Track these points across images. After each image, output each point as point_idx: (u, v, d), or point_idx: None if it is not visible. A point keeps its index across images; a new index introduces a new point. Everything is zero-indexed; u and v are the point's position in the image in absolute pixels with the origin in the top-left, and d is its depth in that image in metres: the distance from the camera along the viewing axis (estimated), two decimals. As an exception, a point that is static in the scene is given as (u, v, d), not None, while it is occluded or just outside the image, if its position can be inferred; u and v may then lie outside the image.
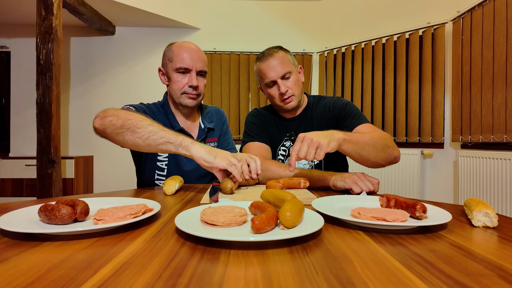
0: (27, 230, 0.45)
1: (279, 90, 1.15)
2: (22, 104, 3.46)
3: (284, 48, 1.21)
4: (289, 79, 1.16)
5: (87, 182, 3.43)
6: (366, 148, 0.92)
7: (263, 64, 1.17)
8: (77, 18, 2.97)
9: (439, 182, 2.73)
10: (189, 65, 1.12)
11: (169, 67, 1.15)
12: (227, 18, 3.55)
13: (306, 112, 1.25)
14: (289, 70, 1.15)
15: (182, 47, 1.14)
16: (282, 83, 1.15)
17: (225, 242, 0.44)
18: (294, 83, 1.16)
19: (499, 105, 2.14)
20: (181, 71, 1.13)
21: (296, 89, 1.17)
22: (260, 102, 3.50)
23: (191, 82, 1.12)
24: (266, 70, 1.16)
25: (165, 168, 1.17)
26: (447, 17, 2.61)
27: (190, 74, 1.13)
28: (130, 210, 0.52)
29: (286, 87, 1.15)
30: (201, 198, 0.80)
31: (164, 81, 1.20)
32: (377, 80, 3.05)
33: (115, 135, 0.86)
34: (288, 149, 1.24)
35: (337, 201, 0.69)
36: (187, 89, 1.14)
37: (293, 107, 1.19)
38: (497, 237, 0.47)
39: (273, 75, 1.15)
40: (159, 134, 0.82)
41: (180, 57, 1.12)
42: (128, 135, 0.84)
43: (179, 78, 1.14)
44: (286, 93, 1.15)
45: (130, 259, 0.38)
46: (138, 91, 3.54)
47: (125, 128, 0.84)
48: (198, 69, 1.14)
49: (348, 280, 0.32)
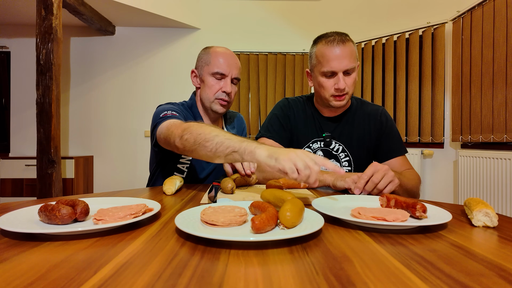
0: (27, 230, 0.45)
1: (338, 84, 1.02)
2: (22, 104, 3.46)
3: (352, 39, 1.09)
4: (350, 75, 1.04)
5: (87, 182, 3.43)
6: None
7: (329, 49, 1.02)
8: (77, 18, 2.97)
9: (439, 182, 2.73)
10: (225, 71, 1.13)
11: (204, 70, 1.15)
12: (227, 18, 3.55)
13: (348, 115, 1.15)
14: (354, 66, 1.04)
15: (220, 52, 1.15)
16: (343, 78, 1.02)
17: (225, 242, 0.44)
18: (352, 82, 1.06)
19: (499, 105, 2.14)
20: (217, 76, 1.13)
21: (352, 89, 1.07)
22: (260, 102, 3.50)
23: (226, 88, 1.13)
24: (330, 57, 1.01)
25: (185, 171, 1.17)
26: (447, 17, 2.61)
27: (225, 80, 1.14)
28: (130, 210, 0.52)
29: (345, 84, 1.03)
30: (201, 198, 0.80)
31: (196, 83, 1.21)
32: (377, 80, 3.05)
33: (192, 152, 0.85)
34: (314, 151, 1.14)
35: (337, 201, 0.69)
36: (220, 94, 1.14)
37: (342, 106, 1.08)
38: (497, 237, 0.47)
39: (337, 66, 1.01)
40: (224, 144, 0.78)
41: (217, 62, 1.13)
42: (200, 150, 0.82)
43: (214, 82, 1.14)
44: (343, 90, 1.03)
45: (130, 259, 0.38)
46: (138, 91, 3.54)
47: (197, 144, 0.82)
48: (233, 76, 1.14)
49: (348, 280, 0.32)
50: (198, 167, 1.19)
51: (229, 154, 0.77)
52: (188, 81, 3.49)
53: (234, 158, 0.77)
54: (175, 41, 3.55)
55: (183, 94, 3.48)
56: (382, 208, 0.58)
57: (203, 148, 0.81)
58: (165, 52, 3.55)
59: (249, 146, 0.74)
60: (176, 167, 1.17)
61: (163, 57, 3.55)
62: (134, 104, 3.54)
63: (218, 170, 1.23)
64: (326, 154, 1.14)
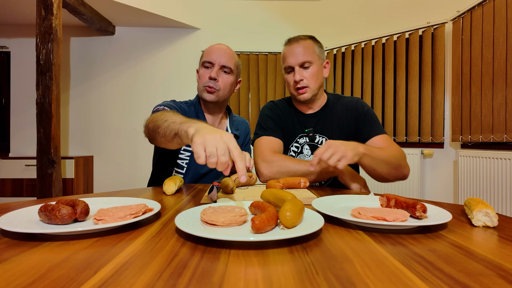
0: (27, 230, 0.45)
1: (294, 77, 1.11)
2: (22, 104, 3.46)
3: (316, 39, 1.17)
4: (308, 69, 1.12)
5: (87, 182, 3.43)
6: (381, 165, 0.98)
7: (286, 47, 1.15)
8: (77, 18, 2.97)
9: (439, 182, 2.73)
10: (212, 59, 1.16)
11: (199, 65, 1.21)
12: (227, 18, 3.55)
13: (326, 110, 1.21)
14: (310, 59, 1.11)
15: (213, 46, 1.20)
16: (298, 71, 1.11)
17: (225, 242, 0.44)
18: (311, 75, 1.12)
19: (499, 105, 2.14)
20: (206, 65, 1.17)
21: (312, 82, 1.12)
22: (260, 101, 3.50)
23: (211, 73, 1.15)
24: (287, 54, 1.14)
25: (184, 166, 1.19)
26: (447, 17, 2.61)
27: (213, 68, 1.16)
28: (130, 210, 0.52)
29: (301, 76, 1.11)
30: (201, 198, 0.80)
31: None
32: (377, 80, 3.05)
33: (153, 139, 0.87)
34: (301, 146, 1.21)
35: (337, 201, 0.69)
36: (207, 81, 1.16)
37: (306, 99, 1.15)
38: (497, 237, 0.47)
39: (292, 61, 1.11)
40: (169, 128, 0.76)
41: (206, 53, 1.18)
42: (156, 136, 0.84)
43: (203, 71, 1.18)
44: (300, 82, 1.11)
45: (131, 259, 0.38)
46: (138, 91, 3.54)
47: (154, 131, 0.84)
48: (221, 63, 1.16)
49: (348, 280, 0.32)
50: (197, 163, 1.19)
51: (174, 137, 0.75)
52: (188, 80, 3.49)
53: (178, 142, 0.76)
54: (175, 41, 3.55)
55: (183, 94, 3.48)
56: (382, 208, 0.58)
57: (157, 134, 0.82)
58: (165, 52, 3.55)
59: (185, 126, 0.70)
60: (176, 163, 1.18)
61: (163, 57, 3.55)
62: (134, 104, 3.54)
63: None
64: (312, 148, 1.20)
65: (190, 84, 3.46)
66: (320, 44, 1.18)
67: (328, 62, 1.20)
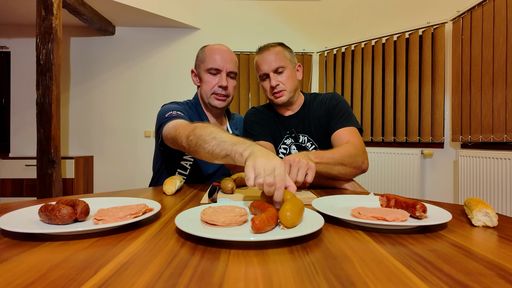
0: (27, 230, 0.45)
1: (270, 83, 1.17)
2: (22, 104, 3.46)
3: (285, 45, 1.22)
4: (282, 73, 1.17)
5: (87, 182, 3.43)
6: (336, 168, 0.98)
7: (258, 56, 1.20)
8: (77, 18, 2.97)
9: (439, 182, 2.73)
10: (219, 66, 1.15)
11: (201, 68, 1.19)
12: (227, 18, 3.55)
13: (304, 110, 1.26)
14: (283, 65, 1.16)
15: (214, 49, 1.17)
16: (273, 76, 1.16)
17: (226, 242, 0.44)
18: (286, 78, 1.17)
19: (499, 104, 2.14)
20: (212, 72, 1.16)
21: (288, 84, 1.18)
22: (260, 101, 3.50)
23: (221, 82, 1.15)
24: (260, 63, 1.19)
25: (188, 168, 1.19)
26: (447, 17, 2.61)
27: (220, 75, 1.16)
28: (130, 210, 0.52)
29: (277, 81, 1.16)
30: (201, 198, 0.80)
31: (196, 82, 1.23)
32: (377, 80, 3.05)
33: (195, 153, 0.86)
34: (289, 146, 1.24)
35: (337, 201, 0.69)
36: (216, 89, 1.16)
37: (284, 102, 1.19)
38: (497, 237, 0.47)
39: (266, 68, 1.17)
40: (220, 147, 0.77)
41: (211, 58, 1.15)
42: (201, 151, 0.83)
43: (210, 78, 1.16)
44: (276, 87, 1.17)
45: (131, 259, 0.38)
46: (138, 91, 3.54)
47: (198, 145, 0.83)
48: (228, 70, 1.16)
49: (348, 279, 0.32)
50: (202, 165, 1.20)
51: (224, 157, 0.76)
52: (189, 80, 3.49)
53: (228, 161, 0.77)
54: (175, 41, 3.55)
55: (183, 94, 3.48)
56: (382, 208, 0.58)
57: (202, 149, 0.81)
58: (165, 52, 3.55)
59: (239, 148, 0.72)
60: (180, 164, 1.18)
61: (163, 57, 3.55)
62: (134, 104, 3.54)
63: (224, 169, 1.24)
64: (299, 147, 1.24)
65: (190, 84, 3.46)
66: (290, 49, 1.23)
67: (300, 65, 1.26)
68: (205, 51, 1.18)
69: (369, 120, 3.10)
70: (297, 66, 1.25)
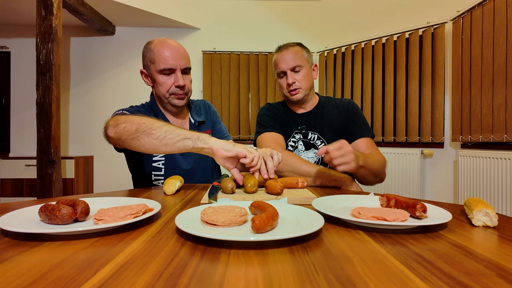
0: (27, 230, 0.45)
1: (287, 81, 1.22)
2: (22, 104, 3.46)
3: (303, 45, 1.28)
4: (299, 72, 1.22)
5: (87, 182, 3.43)
6: (371, 175, 1.07)
7: (277, 55, 1.25)
8: (77, 18, 2.97)
9: (439, 182, 2.73)
10: (172, 65, 1.07)
11: (151, 69, 1.09)
12: (227, 18, 3.55)
13: (317, 109, 1.30)
14: (300, 64, 1.21)
15: (161, 46, 1.08)
16: (290, 74, 1.21)
17: (226, 242, 0.44)
18: (302, 77, 1.22)
19: (499, 104, 2.14)
20: (165, 72, 1.08)
21: (303, 83, 1.22)
22: (260, 101, 3.50)
23: (178, 82, 1.08)
24: (278, 61, 1.23)
25: (162, 167, 1.14)
26: (447, 17, 2.61)
27: (175, 74, 1.09)
28: (131, 210, 0.52)
29: (293, 79, 1.21)
30: (201, 198, 0.80)
31: (149, 82, 1.15)
32: (377, 80, 3.05)
33: (131, 140, 0.86)
34: (297, 141, 1.29)
35: (337, 201, 0.69)
36: (174, 89, 1.10)
37: (299, 99, 1.24)
38: (497, 237, 0.47)
39: (284, 66, 1.22)
40: (175, 132, 0.83)
41: (162, 58, 1.06)
42: (143, 138, 0.84)
43: (164, 79, 1.09)
44: (292, 85, 1.22)
45: (131, 259, 0.38)
46: (138, 91, 3.54)
47: (140, 132, 0.84)
48: (182, 67, 1.09)
49: (348, 279, 0.32)
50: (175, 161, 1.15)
51: (180, 141, 0.83)
52: (188, 81, 3.49)
53: (184, 145, 0.83)
54: (175, 41, 3.55)
55: (183, 94, 3.48)
56: (382, 208, 0.58)
57: (147, 136, 0.84)
58: (165, 52, 3.55)
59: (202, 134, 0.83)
60: (152, 166, 1.13)
61: (163, 57, 3.55)
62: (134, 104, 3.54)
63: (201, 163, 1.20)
64: (306, 144, 1.28)
65: (190, 84, 3.46)
66: (308, 49, 1.28)
67: (316, 65, 1.31)
68: (153, 50, 1.08)
69: (369, 120, 3.10)
70: (314, 66, 1.29)
